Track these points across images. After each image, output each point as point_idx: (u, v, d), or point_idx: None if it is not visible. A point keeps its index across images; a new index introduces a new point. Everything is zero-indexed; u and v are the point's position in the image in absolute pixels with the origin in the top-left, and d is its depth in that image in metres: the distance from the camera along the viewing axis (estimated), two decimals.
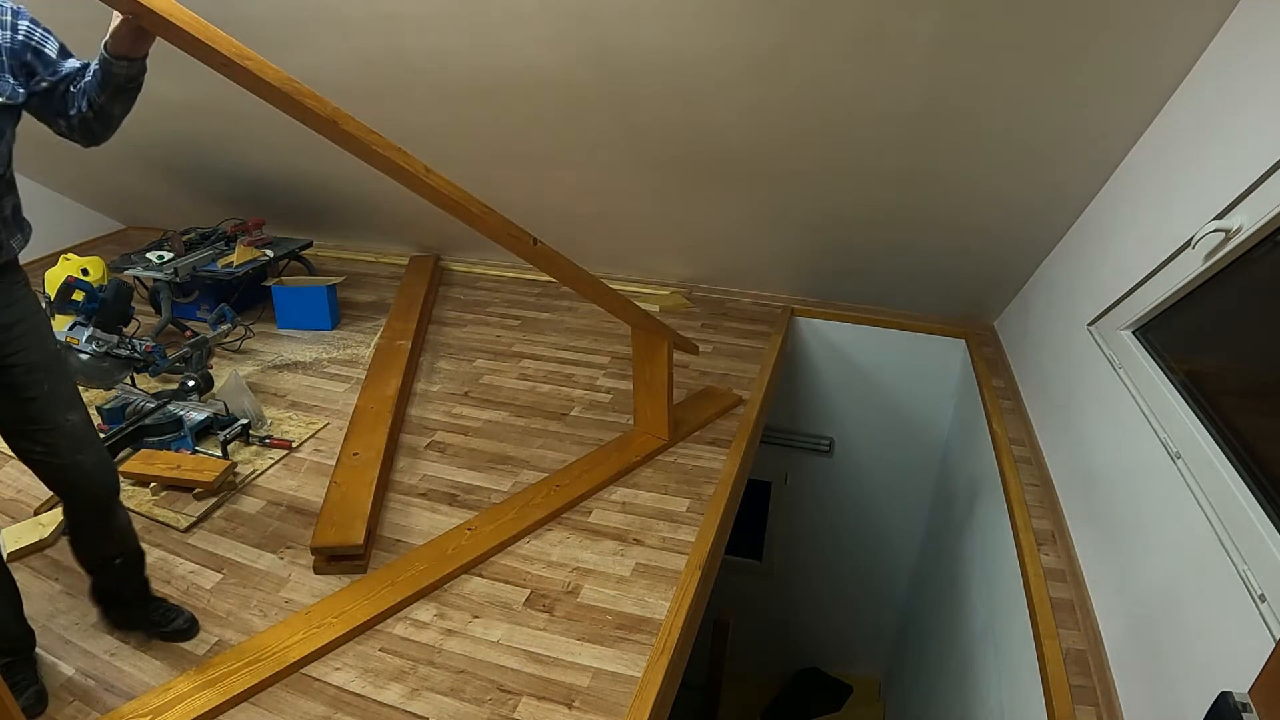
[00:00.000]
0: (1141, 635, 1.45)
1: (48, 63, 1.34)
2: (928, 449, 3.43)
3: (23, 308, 1.44)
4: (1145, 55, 1.78)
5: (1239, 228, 1.46)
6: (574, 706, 1.50)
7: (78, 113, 1.36)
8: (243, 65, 1.29)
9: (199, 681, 1.51)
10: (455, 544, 1.92)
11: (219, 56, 1.28)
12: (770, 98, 2.25)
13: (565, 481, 2.16)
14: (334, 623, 1.67)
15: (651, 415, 2.36)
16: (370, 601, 1.73)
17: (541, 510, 2.03)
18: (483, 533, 1.95)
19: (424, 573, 1.82)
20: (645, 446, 2.32)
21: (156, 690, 1.50)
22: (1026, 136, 2.13)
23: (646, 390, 2.33)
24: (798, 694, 4.22)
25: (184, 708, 1.45)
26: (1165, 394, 1.63)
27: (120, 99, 1.35)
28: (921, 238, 2.72)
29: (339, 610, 1.71)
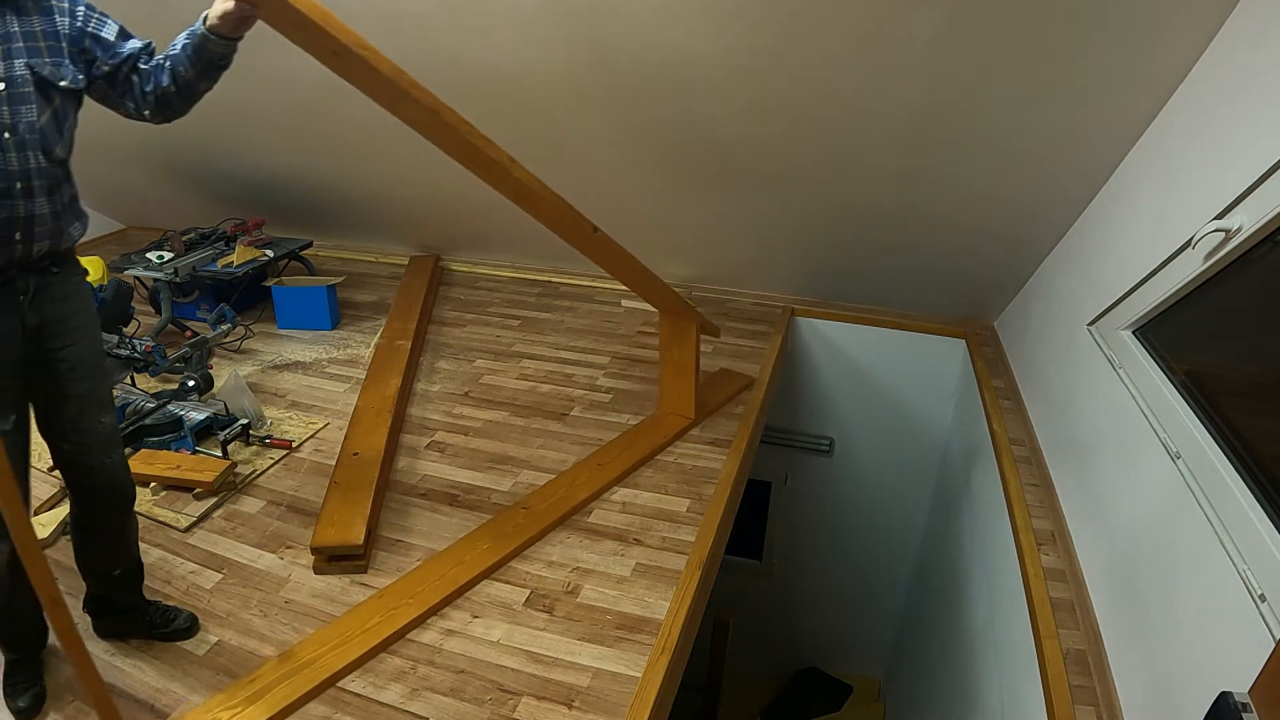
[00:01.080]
0: (1141, 635, 1.45)
1: (107, 46, 1.34)
2: (928, 449, 3.43)
3: (78, 301, 1.42)
4: (1145, 55, 1.78)
5: (1239, 228, 1.46)
6: (574, 706, 1.50)
7: (155, 89, 1.36)
8: (359, 54, 1.34)
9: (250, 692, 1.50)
10: (513, 523, 1.99)
11: (335, 44, 1.31)
12: (770, 97, 2.25)
13: (606, 460, 2.26)
14: (410, 603, 1.72)
15: (678, 396, 2.45)
16: (442, 582, 1.79)
17: (586, 490, 2.12)
18: (537, 511, 2.03)
19: (488, 551, 1.88)
20: (674, 426, 2.42)
21: (206, 705, 1.48)
22: (1026, 136, 2.13)
23: (674, 372, 2.42)
24: (798, 694, 4.22)
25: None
26: (1165, 394, 1.63)
27: (209, 76, 1.37)
28: (921, 238, 2.73)
29: (411, 592, 1.76)
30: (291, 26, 1.30)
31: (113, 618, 1.64)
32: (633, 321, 3.25)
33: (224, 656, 1.60)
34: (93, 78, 1.34)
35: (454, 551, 1.90)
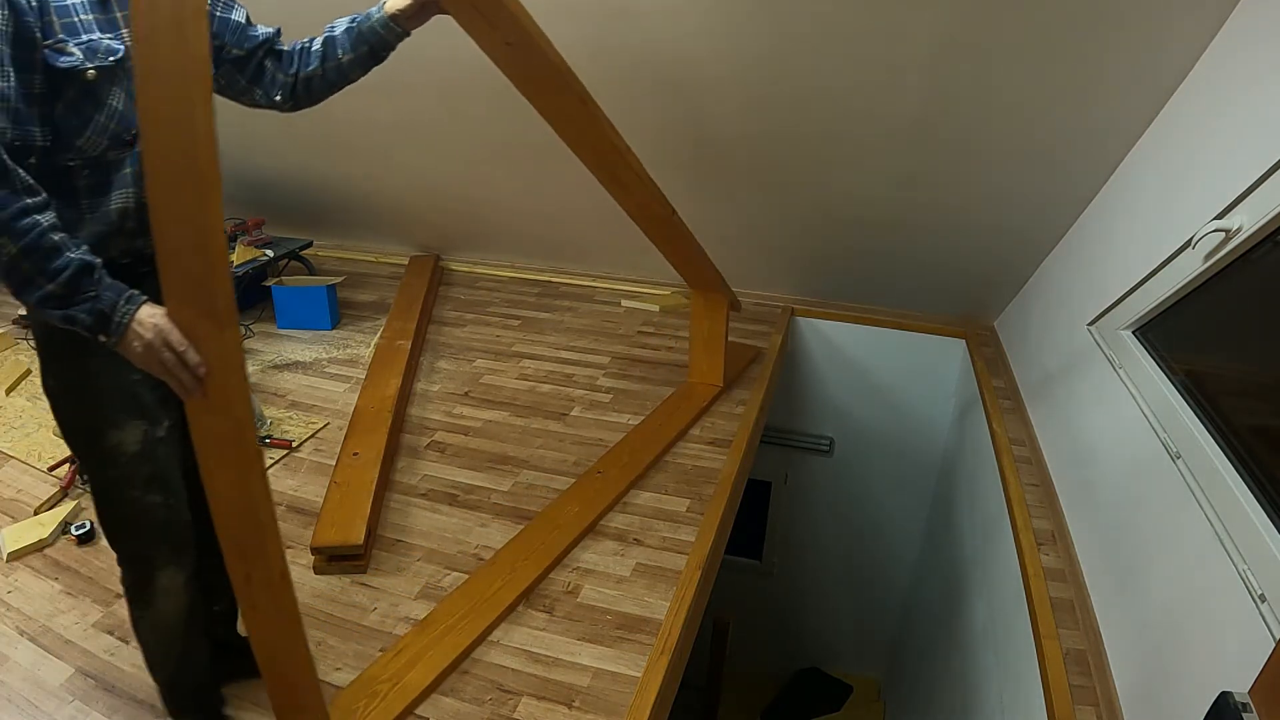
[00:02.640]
0: (1141, 635, 1.45)
1: (237, 30, 1.28)
2: (928, 449, 3.43)
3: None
4: (1145, 55, 1.79)
5: (1239, 228, 1.46)
6: (574, 706, 1.50)
7: (297, 73, 1.33)
8: (537, 43, 1.43)
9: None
10: (594, 488, 2.12)
11: (514, 33, 1.40)
12: (771, 98, 2.25)
13: (659, 424, 2.43)
14: (527, 563, 1.84)
15: (708, 366, 2.68)
16: (544, 547, 1.89)
17: (650, 453, 2.28)
18: (610, 476, 2.18)
19: (579, 514, 2.00)
20: (706, 393, 2.64)
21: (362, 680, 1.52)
22: (1027, 136, 2.13)
23: (704, 345, 2.65)
24: (798, 694, 4.22)
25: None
26: (1165, 394, 1.63)
27: (365, 65, 1.37)
28: (922, 238, 2.73)
29: (526, 553, 1.87)
30: (478, 16, 1.35)
31: (233, 659, 1.52)
32: (633, 321, 3.25)
33: None
34: (219, 63, 1.27)
35: (546, 517, 2.01)
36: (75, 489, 2.09)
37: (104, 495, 1.25)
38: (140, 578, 1.29)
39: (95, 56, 1.05)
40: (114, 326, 1.01)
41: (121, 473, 1.21)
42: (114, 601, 1.73)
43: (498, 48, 1.46)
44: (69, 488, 2.07)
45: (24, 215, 0.95)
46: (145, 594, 1.30)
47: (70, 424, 1.22)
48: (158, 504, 1.25)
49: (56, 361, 1.18)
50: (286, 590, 1.18)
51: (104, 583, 1.79)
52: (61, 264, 0.98)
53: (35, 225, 0.96)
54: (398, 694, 1.49)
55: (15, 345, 2.91)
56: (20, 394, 2.61)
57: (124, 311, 1.02)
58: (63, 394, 1.20)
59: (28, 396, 2.59)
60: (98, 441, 1.20)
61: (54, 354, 1.18)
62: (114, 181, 1.12)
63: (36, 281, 0.97)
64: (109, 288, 1.02)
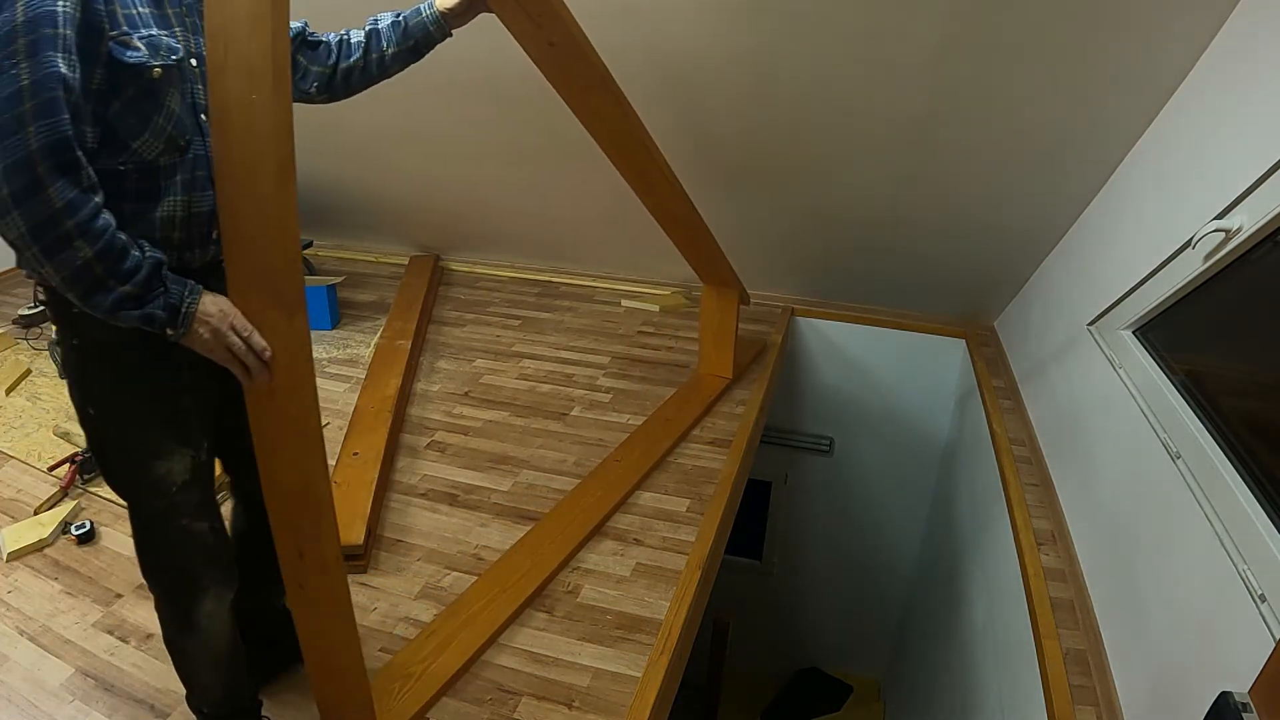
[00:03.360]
0: (1141, 635, 1.45)
1: None
2: (928, 449, 3.43)
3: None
4: (1145, 55, 1.78)
5: (1239, 228, 1.46)
6: (574, 707, 1.50)
7: (335, 64, 1.31)
8: (579, 43, 1.48)
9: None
10: (613, 474, 2.18)
11: (557, 33, 1.45)
12: (771, 98, 2.25)
13: (672, 414, 2.49)
14: (556, 543, 1.90)
15: (718, 358, 2.73)
16: (572, 527, 1.96)
17: (667, 440, 2.35)
18: (629, 462, 2.24)
19: (602, 500, 2.06)
20: (715, 385, 2.69)
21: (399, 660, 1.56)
22: (1027, 136, 2.13)
23: (714, 338, 2.70)
24: (798, 694, 4.22)
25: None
26: (1165, 394, 1.63)
27: (405, 61, 1.37)
28: (922, 238, 2.73)
29: (551, 537, 1.92)
30: (524, 15, 1.39)
31: (273, 653, 1.53)
32: (633, 321, 3.25)
33: None
34: None
35: (570, 502, 2.07)
36: (75, 489, 2.09)
37: (150, 527, 1.20)
38: (186, 605, 1.25)
39: (158, 54, 1.00)
40: (181, 318, 1.00)
41: (170, 502, 1.17)
42: (114, 601, 1.73)
43: (540, 47, 1.49)
44: (69, 488, 2.07)
45: (98, 215, 0.91)
46: (190, 620, 1.26)
47: (113, 455, 1.16)
48: (206, 530, 1.21)
49: (98, 388, 1.11)
50: (338, 570, 1.20)
51: (104, 583, 1.79)
52: (134, 264, 0.95)
53: (107, 225, 0.93)
54: (430, 677, 1.52)
55: (15, 345, 2.91)
56: (20, 394, 2.61)
57: (189, 302, 1.00)
58: (105, 424, 1.13)
59: (27, 396, 2.59)
60: (146, 473, 1.15)
61: (94, 380, 1.11)
62: (163, 189, 1.06)
63: (109, 284, 0.93)
64: (173, 280, 1.00)
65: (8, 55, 0.86)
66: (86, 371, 1.11)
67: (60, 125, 0.88)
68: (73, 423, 2.38)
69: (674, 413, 2.52)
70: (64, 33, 0.89)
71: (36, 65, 0.86)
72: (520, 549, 1.89)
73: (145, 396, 1.12)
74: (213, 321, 1.00)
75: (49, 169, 0.87)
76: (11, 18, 0.87)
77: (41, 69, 0.87)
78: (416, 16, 1.35)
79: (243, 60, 0.92)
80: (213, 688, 1.36)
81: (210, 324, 1.00)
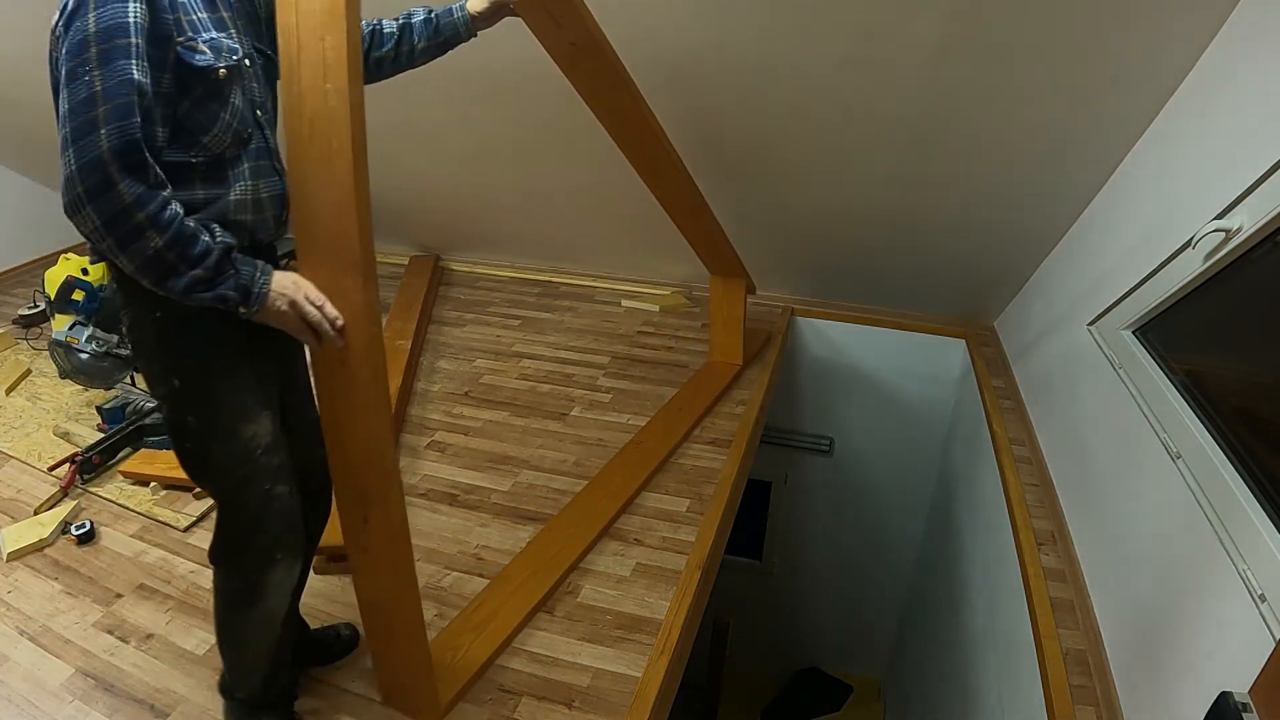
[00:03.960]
0: (1141, 635, 1.45)
1: None
2: (928, 449, 3.43)
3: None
4: (1145, 55, 1.78)
5: (1239, 228, 1.46)
6: (574, 707, 1.50)
7: (369, 53, 1.38)
8: (600, 43, 1.56)
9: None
10: (635, 456, 2.26)
11: (578, 33, 1.52)
12: (771, 97, 2.25)
13: (688, 399, 2.57)
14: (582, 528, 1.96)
15: (728, 346, 2.83)
16: (597, 513, 2.02)
17: (685, 423, 2.44)
18: (649, 446, 2.32)
19: (625, 482, 2.14)
20: (728, 371, 2.79)
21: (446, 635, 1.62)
22: (1026, 136, 2.13)
23: (724, 326, 2.81)
24: (798, 694, 4.22)
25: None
26: (1165, 394, 1.63)
27: (433, 56, 1.44)
28: (922, 238, 2.72)
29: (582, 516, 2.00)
30: (547, 17, 1.47)
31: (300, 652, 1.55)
32: (633, 321, 3.25)
33: None
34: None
35: (596, 484, 2.15)
36: (75, 489, 2.09)
37: (235, 496, 1.22)
38: (257, 576, 1.26)
39: (220, 56, 1.06)
40: (254, 297, 1.07)
41: (255, 467, 1.20)
42: (114, 601, 1.73)
43: (561, 48, 1.56)
44: (69, 488, 2.07)
45: (165, 207, 0.97)
46: (256, 592, 1.27)
47: (200, 424, 1.18)
48: (286, 493, 1.25)
49: (184, 358, 1.15)
50: (404, 534, 1.24)
51: (104, 583, 1.79)
52: (203, 248, 1.01)
53: (175, 215, 0.99)
54: (484, 639, 1.61)
55: (15, 345, 2.91)
56: (20, 394, 2.61)
57: (261, 282, 1.07)
58: (192, 392, 1.16)
59: (27, 396, 2.59)
60: (234, 439, 1.18)
61: (181, 350, 1.15)
62: (232, 177, 1.13)
63: (180, 269, 0.99)
64: (243, 262, 1.07)
65: (82, 63, 0.93)
66: (172, 343, 1.14)
67: (130, 128, 0.93)
68: (72, 422, 2.38)
69: (691, 398, 2.60)
70: (135, 41, 0.95)
71: (109, 72, 0.93)
72: (553, 528, 1.97)
73: (231, 360, 1.17)
74: (288, 293, 1.08)
75: (119, 168, 0.93)
76: (84, 27, 0.93)
77: (114, 76, 0.93)
78: (448, 17, 1.42)
79: (316, 55, 1.02)
80: (257, 668, 1.37)
81: (286, 296, 1.08)
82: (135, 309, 1.13)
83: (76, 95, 0.92)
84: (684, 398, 2.61)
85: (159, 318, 1.12)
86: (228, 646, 1.37)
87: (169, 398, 1.17)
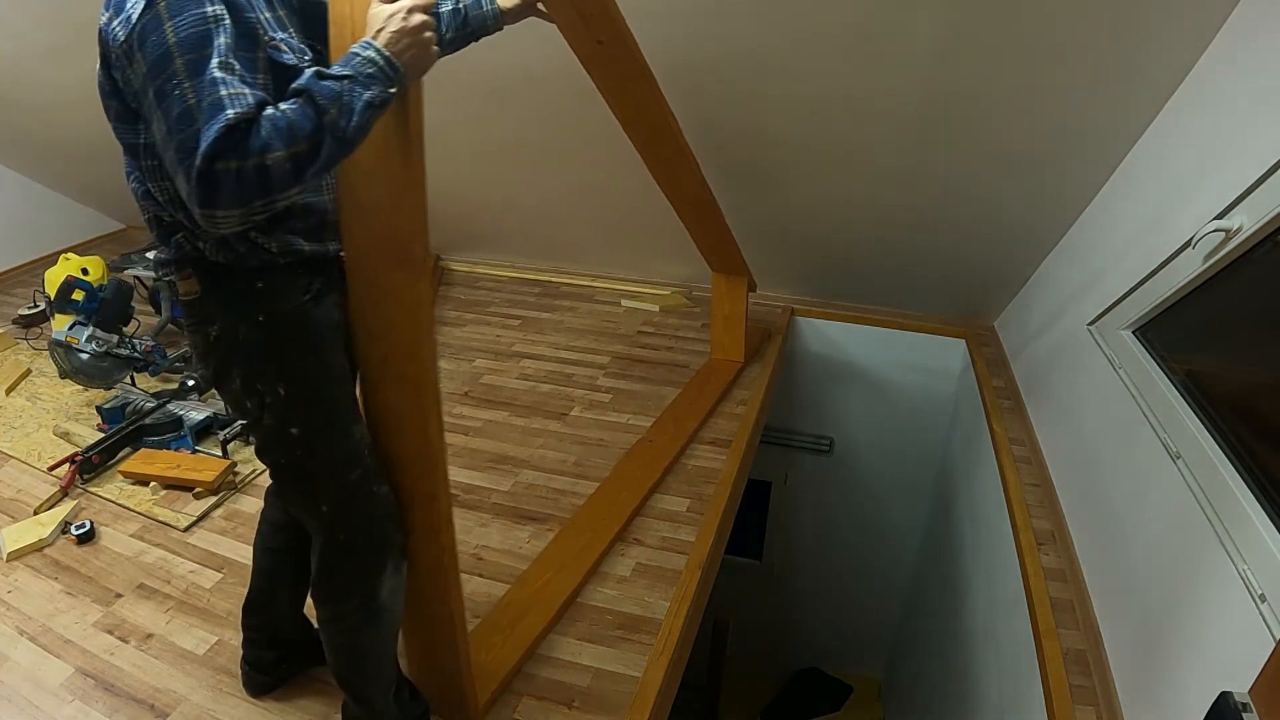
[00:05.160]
0: (1141, 635, 1.45)
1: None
2: (928, 449, 3.43)
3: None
4: (1145, 55, 1.78)
5: (1239, 228, 1.46)
6: (574, 707, 1.50)
7: None
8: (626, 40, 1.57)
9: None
10: (650, 453, 2.29)
11: (607, 30, 1.51)
12: (769, 96, 2.25)
13: (694, 397, 2.58)
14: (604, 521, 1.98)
15: (730, 343, 2.84)
16: (619, 505, 2.05)
17: (694, 419, 2.46)
18: (660, 443, 2.33)
19: (643, 476, 2.16)
20: (729, 369, 2.79)
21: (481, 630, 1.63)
22: (1027, 136, 2.13)
23: (725, 323, 2.82)
24: (798, 694, 4.22)
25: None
26: (1165, 394, 1.63)
27: (457, 47, 1.40)
28: (922, 237, 2.72)
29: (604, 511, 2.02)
30: (576, 15, 1.46)
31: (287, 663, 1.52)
32: (633, 321, 3.25)
33: (224, 656, 1.60)
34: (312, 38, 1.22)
35: (614, 481, 2.16)
36: (75, 489, 2.09)
37: (349, 504, 1.17)
38: (374, 585, 1.21)
39: (293, 53, 1.02)
40: (392, 69, 0.95)
41: (365, 468, 1.16)
42: (114, 601, 1.73)
43: (588, 45, 1.54)
44: (69, 488, 2.07)
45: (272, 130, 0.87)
46: (375, 604, 1.22)
47: (307, 435, 1.12)
48: (387, 491, 1.21)
49: (291, 361, 1.10)
50: (450, 540, 1.23)
51: (104, 582, 1.79)
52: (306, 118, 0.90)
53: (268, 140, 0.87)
54: (515, 639, 1.61)
55: (15, 345, 2.91)
56: (20, 394, 2.61)
57: (380, 56, 0.95)
58: (302, 397, 1.11)
59: (27, 396, 2.59)
60: (345, 440, 1.14)
61: (287, 353, 1.09)
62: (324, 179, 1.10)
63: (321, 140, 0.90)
64: (338, 74, 0.93)
65: (168, 78, 0.87)
66: (277, 348, 1.09)
67: (222, 120, 0.85)
68: (72, 422, 2.38)
69: (696, 395, 2.61)
70: (222, 42, 0.89)
71: (200, 84, 0.87)
72: (575, 524, 1.98)
73: (336, 354, 1.13)
74: (397, 27, 0.95)
75: (235, 167, 0.86)
76: (163, 41, 0.87)
77: (205, 85, 0.87)
78: (477, 9, 1.37)
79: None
80: (390, 687, 1.33)
81: (398, 33, 0.95)
82: (229, 317, 1.07)
83: (171, 113, 0.87)
84: (689, 395, 2.62)
85: (263, 321, 1.06)
86: (362, 679, 1.31)
87: (272, 408, 1.10)
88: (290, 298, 1.08)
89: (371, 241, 1.07)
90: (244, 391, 1.11)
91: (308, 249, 1.10)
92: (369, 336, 1.14)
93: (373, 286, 1.09)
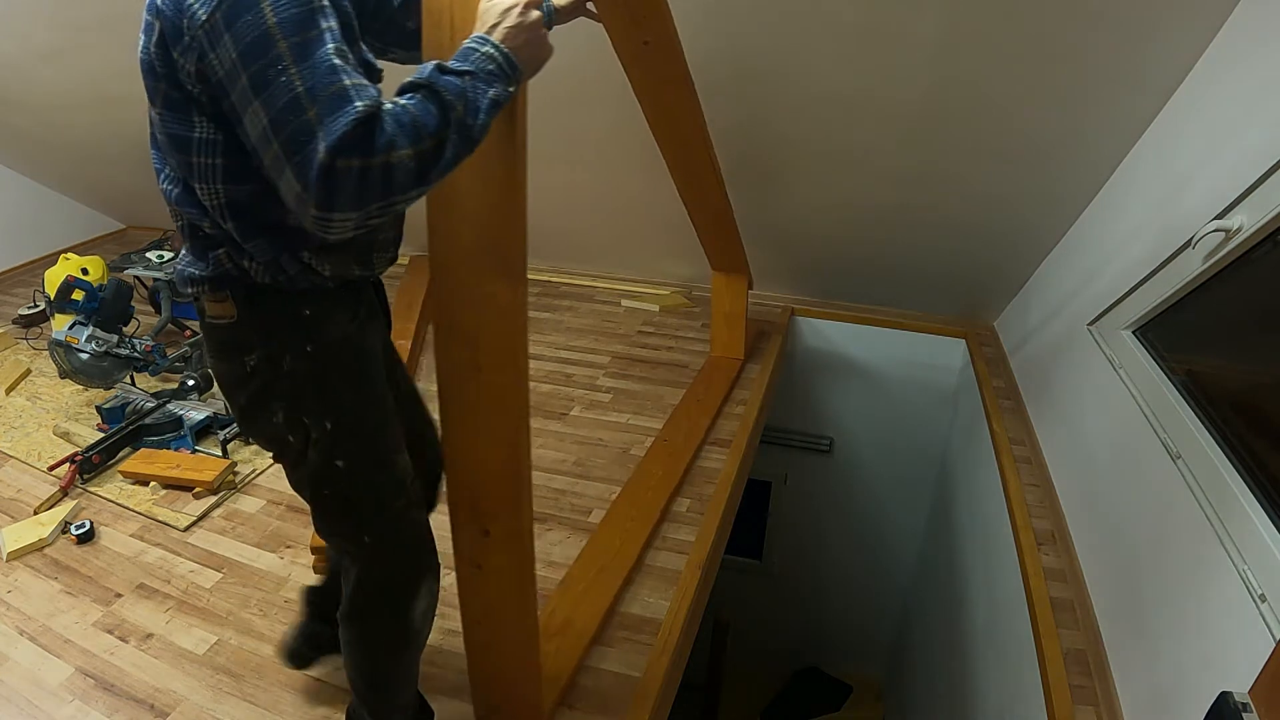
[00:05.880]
0: (1141, 635, 1.45)
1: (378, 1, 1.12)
2: (928, 449, 3.43)
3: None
4: (1145, 55, 1.78)
5: (1239, 228, 1.46)
6: (574, 707, 1.50)
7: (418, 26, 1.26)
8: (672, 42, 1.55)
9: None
10: (668, 452, 2.27)
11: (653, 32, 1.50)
12: (769, 96, 2.25)
13: (700, 394, 2.60)
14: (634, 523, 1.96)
15: (730, 340, 2.85)
16: (643, 508, 2.03)
17: (706, 416, 2.46)
18: (675, 444, 2.33)
19: (666, 476, 2.16)
20: (731, 366, 2.80)
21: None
22: (1027, 136, 2.13)
23: (725, 321, 2.82)
24: (798, 694, 4.22)
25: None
26: (1165, 394, 1.63)
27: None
28: (922, 237, 2.72)
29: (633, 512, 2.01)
30: (627, 15, 1.43)
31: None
32: (633, 321, 3.25)
33: (223, 656, 1.60)
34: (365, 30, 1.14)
35: (637, 481, 2.15)
36: (75, 489, 2.09)
37: (394, 532, 1.11)
38: (406, 610, 1.16)
39: (372, 55, 0.98)
40: (508, 63, 0.90)
41: (408, 497, 1.12)
42: (113, 601, 1.73)
43: (634, 46, 1.51)
44: (69, 488, 2.07)
45: (397, 126, 0.80)
46: (412, 628, 1.19)
47: (353, 466, 1.06)
48: (424, 518, 1.17)
49: (339, 392, 1.03)
50: (529, 552, 1.18)
51: (104, 582, 1.79)
52: (431, 116, 0.83)
53: (392, 136, 0.80)
54: (567, 649, 1.59)
55: (15, 345, 2.91)
56: (20, 394, 2.61)
57: (496, 51, 0.89)
58: (349, 429, 1.04)
59: (27, 396, 2.59)
60: (393, 469, 1.09)
61: (334, 384, 1.03)
62: None
63: (444, 139, 0.84)
64: (456, 71, 0.87)
65: (270, 63, 0.77)
66: (325, 379, 1.02)
67: (348, 114, 0.77)
68: (72, 422, 2.38)
69: (703, 393, 2.62)
70: (333, 26, 0.81)
71: (310, 68, 0.77)
72: (607, 524, 1.98)
73: (380, 383, 1.07)
74: (513, 20, 0.89)
75: (358, 166, 0.78)
76: (260, 21, 0.77)
77: (318, 67, 0.77)
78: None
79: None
80: (409, 706, 1.32)
81: (522, 24, 0.90)
82: (271, 345, 0.99)
83: (276, 102, 0.76)
84: (697, 393, 2.62)
85: (310, 351, 0.99)
86: (388, 702, 1.27)
87: (319, 444, 1.03)
88: (339, 325, 1.01)
89: (467, 249, 1.01)
90: (287, 426, 1.03)
91: (358, 273, 1.04)
92: (456, 343, 1.07)
93: (467, 294, 1.03)
